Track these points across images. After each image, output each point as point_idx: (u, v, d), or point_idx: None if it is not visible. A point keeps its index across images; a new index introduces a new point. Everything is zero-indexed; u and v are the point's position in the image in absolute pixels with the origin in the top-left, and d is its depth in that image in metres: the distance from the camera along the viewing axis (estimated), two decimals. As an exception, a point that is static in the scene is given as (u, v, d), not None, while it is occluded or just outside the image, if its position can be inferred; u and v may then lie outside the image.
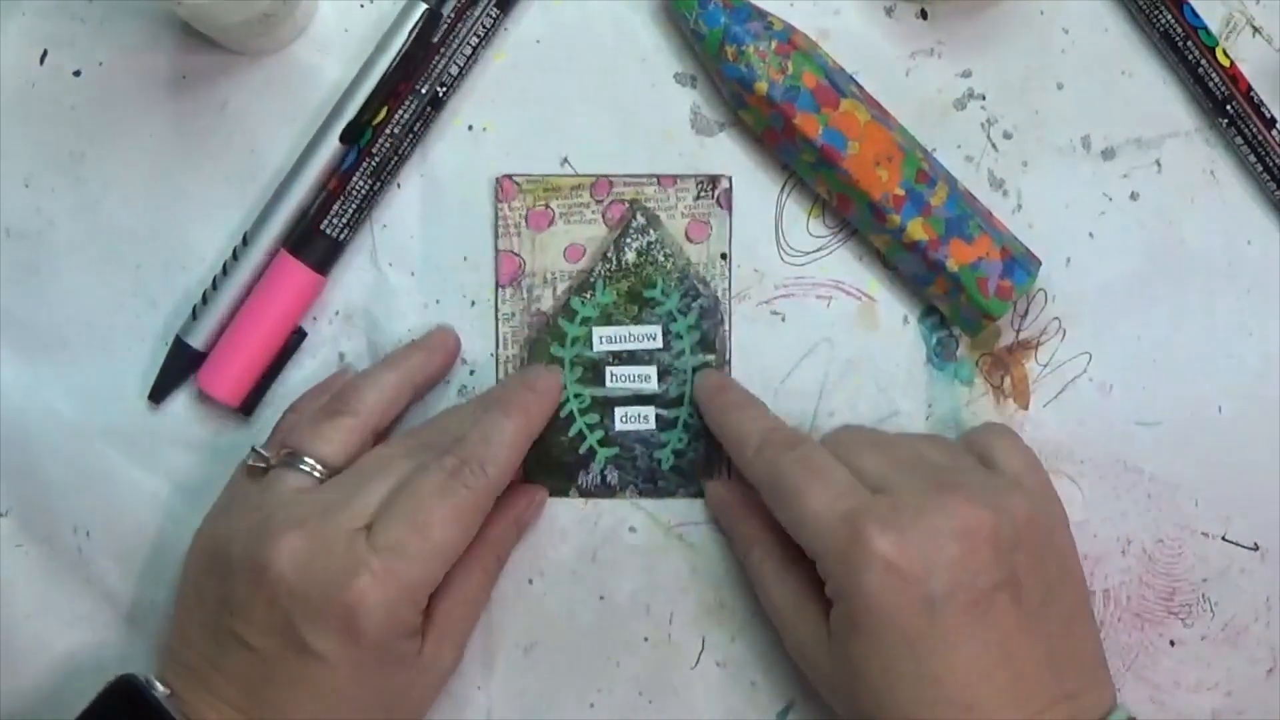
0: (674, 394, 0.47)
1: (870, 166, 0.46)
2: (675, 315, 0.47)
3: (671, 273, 0.47)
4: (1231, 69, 0.49)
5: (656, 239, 0.47)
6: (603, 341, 0.47)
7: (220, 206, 0.48)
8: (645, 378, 0.47)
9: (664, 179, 0.47)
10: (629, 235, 0.47)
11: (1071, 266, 0.50)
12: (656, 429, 0.47)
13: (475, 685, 0.49)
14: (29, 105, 0.48)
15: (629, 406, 0.47)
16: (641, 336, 0.47)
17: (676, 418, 0.47)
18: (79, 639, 0.48)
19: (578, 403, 0.47)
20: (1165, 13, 0.49)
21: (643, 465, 0.47)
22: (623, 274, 0.47)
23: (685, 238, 0.47)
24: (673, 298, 0.47)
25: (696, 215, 0.47)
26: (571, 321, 0.47)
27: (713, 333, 0.47)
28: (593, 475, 0.47)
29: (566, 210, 0.47)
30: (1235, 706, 0.50)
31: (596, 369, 0.47)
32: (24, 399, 0.48)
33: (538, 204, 0.47)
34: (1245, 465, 0.50)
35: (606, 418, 0.47)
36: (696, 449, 0.47)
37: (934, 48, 0.50)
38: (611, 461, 0.47)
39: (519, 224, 0.47)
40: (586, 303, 0.47)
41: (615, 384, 0.47)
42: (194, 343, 0.47)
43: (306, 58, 0.48)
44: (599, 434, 0.47)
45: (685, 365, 0.47)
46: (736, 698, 0.49)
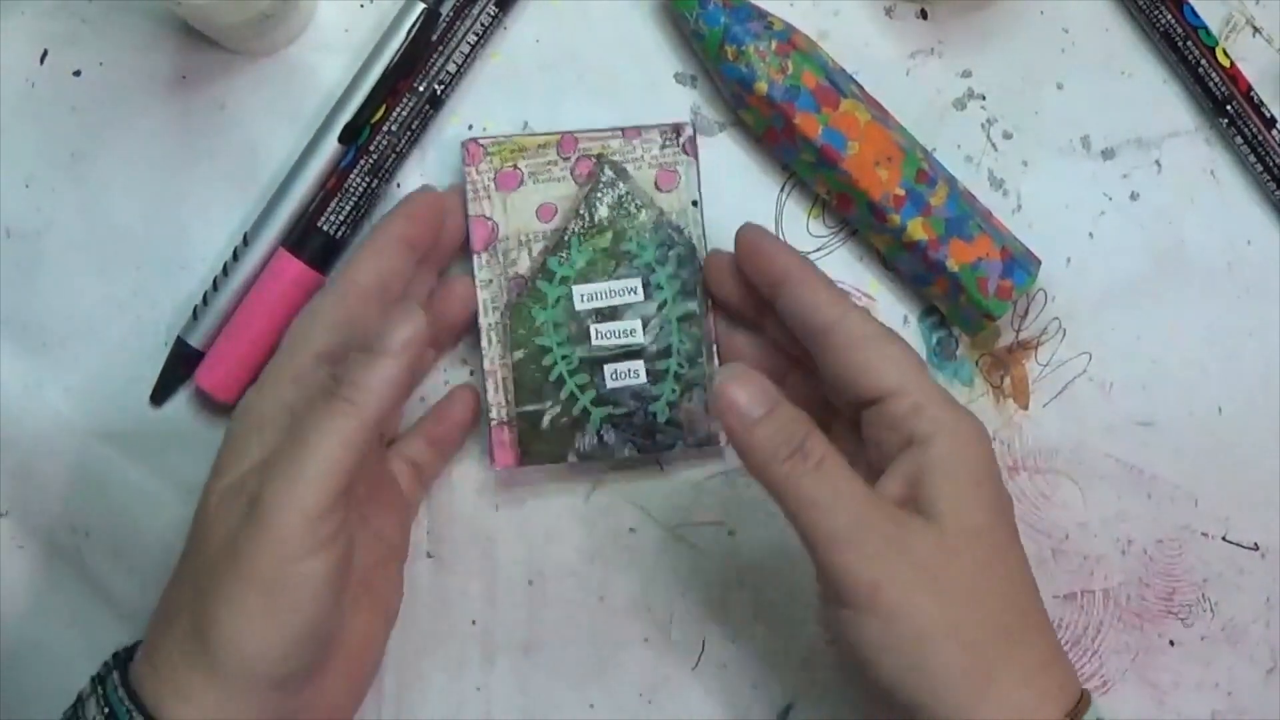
0: (661, 345, 0.46)
1: (870, 166, 0.46)
2: (654, 266, 0.46)
3: (645, 224, 0.46)
4: (1231, 69, 0.49)
5: (627, 191, 0.46)
6: (584, 300, 0.46)
7: (220, 206, 0.48)
8: (631, 332, 0.46)
9: (628, 131, 0.47)
10: (599, 190, 0.46)
11: (1071, 266, 0.50)
12: (648, 382, 0.46)
13: (475, 685, 0.49)
14: (29, 105, 0.48)
15: (618, 363, 0.46)
16: (622, 290, 0.46)
17: (666, 368, 0.46)
18: (79, 639, 0.48)
19: (566, 364, 0.46)
20: (1165, 13, 0.49)
21: (639, 421, 0.46)
22: (597, 230, 0.46)
23: (655, 187, 0.47)
24: (649, 249, 0.46)
25: (664, 164, 0.47)
26: (550, 282, 0.46)
27: (692, 280, 0.46)
28: (589, 437, 0.46)
29: (535, 170, 0.46)
30: (1235, 706, 0.50)
31: (581, 328, 0.46)
32: (24, 399, 0.48)
33: (505, 165, 0.46)
34: (1245, 465, 0.50)
35: (596, 376, 0.46)
36: (690, 399, 0.47)
37: (934, 48, 0.50)
38: (607, 421, 0.46)
39: (488, 187, 0.46)
40: (564, 262, 0.46)
41: (602, 341, 0.46)
42: (195, 343, 0.47)
43: (306, 58, 0.48)
44: (591, 394, 0.46)
45: (669, 315, 0.46)
46: (737, 698, 0.49)
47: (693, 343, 0.46)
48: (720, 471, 0.49)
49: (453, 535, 0.48)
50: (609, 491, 0.49)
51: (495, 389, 0.46)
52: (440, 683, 0.48)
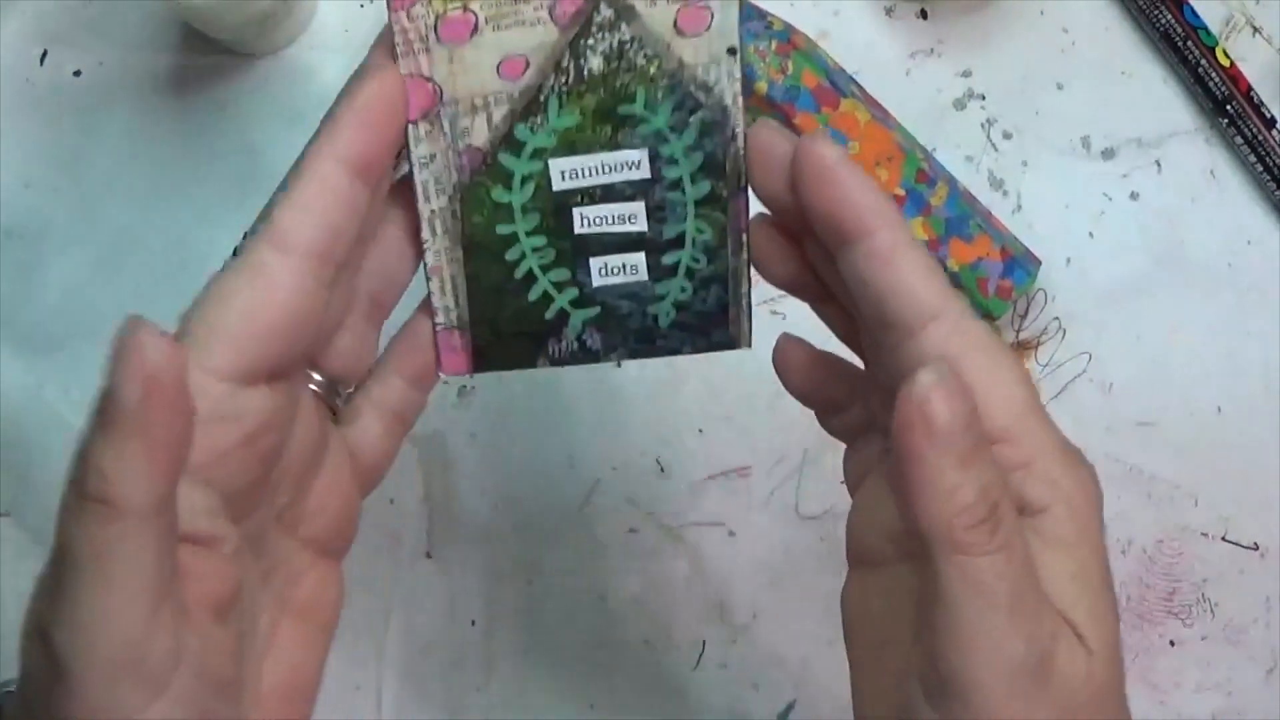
0: (671, 234, 0.35)
1: (870, 166, 0.46)
2: (666, 135, 0.34)
3: (657, 79, 0.34)
4: (1231, 69, 0.49)
5: (632, 37, 0.33)
6: (565, 178, 0.34)
7: (220, 206, 0.48)
8: (629, 217, 0.35)
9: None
10: (591, 35, 0.33)
11: (1071, 266, 0.50)
12: (649, 279, 0.35)
13: (475, 685, 0.49)
14: (29, 105, 0.48)
15: (609, 255, 0.35)
16: (619, 165, 0.34)
17: (677, 262, 0.35)
18: (79, 639, 0.48)
19: (538, 258, 0.35)
20: (1165, 13, 0.49)
21: (634, 325, 0.36)
22: (587, 86, 0.33)
23: (675, 30, 0.33)
24: (661, 112, 0.34)
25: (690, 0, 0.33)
26: (518, 155, 0.34)
27: (720, 153, 0.34)
28: (566, 343, 0.36)
29: (495, 13, 0.33)
30: (1235, 707, 0.50)
31: (560, 213, 0.34)
32: (24, 399, 0.48)
33: (451, 6, 0.33)
34: (1245, 465, 0.50)
35: (579, 272, 0.35)
36: (705, 299, 0.36)
37: (934, 48, 0.50)
38: (591, 324, 0.36)
39: (426, 39, 0.33)
40: (538, 129, 0.34)
41: (587, 228, 0.35)
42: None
43: (306, 58, 0.48)
44: (571, 293, 0.35)
45: (684, 198, 0.35)
46: (737, 698, 0.49)
47: (714, 230, 0.35)
48: (720, 472, 0.49)
49: (453, 535, 0.48)
50: (608, 492, 0.49)
51: (442, 289, 0.35)
52: (440, 683, 0.48)
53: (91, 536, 0.27)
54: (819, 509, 0.49)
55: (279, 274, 0.29)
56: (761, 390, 0.49)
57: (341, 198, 0.30)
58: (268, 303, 0.29)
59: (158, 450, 0.26)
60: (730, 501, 0.49)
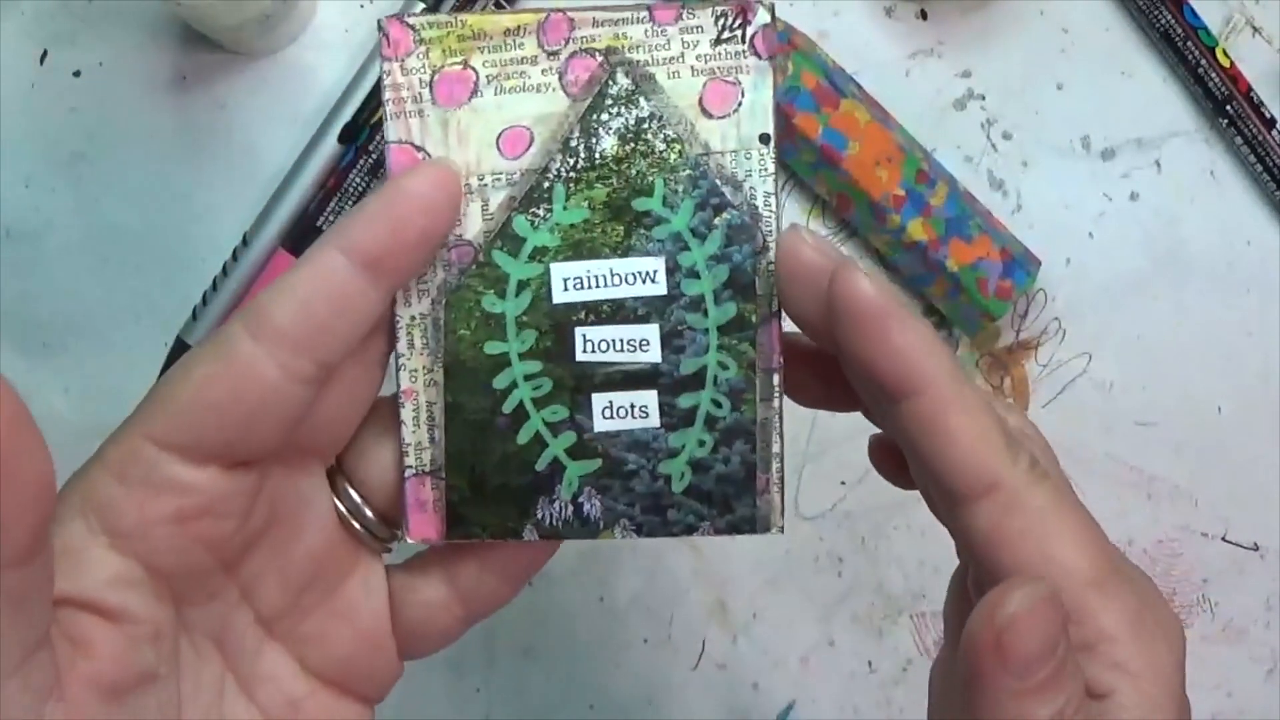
0: (689, 369, 0.29)
1: (870, 167, 0.46)
2: (686, 240, 0.29)
3: (679, 169, 0.29)
4: (1231, 69, 0.49)
5: (651, 113, 0.29)
6: (568, 287, 0.29)
7: (220, 206, 0.48)
8: (641, 344, 0.29)
9: (659, 10, 0.29)
10: (605, 109, 0.29)
11: (1071, 266, 0.50)
12: (662, 427, 0.29)
13: (475, 686, 0.49)
14: (29, 105, 0.48)
15: (615, 391, 0.29)
16: (632, 275, 0.29)
17: (695, 406, 0.29)
18: (79, 639, 0.48)
19: (531, 388, 0.29)
20: (1165, 13, 0.49)
21: (641, 487, 0.30)
22: (598, 174, 0.29)
23: (700, 110, 0.29)
24: (682, 211, 0.29)
25: (718, 71, 0.29)
26: (515, 255, 0.29)
27: (749, 266, 0.29)
28: (560, 504, 0.30)
29: (498, 71, 0.29)
30: (1235, 707, 0.50)
31: (560, 332, 0.29)
32: (24, 399, 0.48)
33: (450, 61, 0.29)
34: (1245, 465, 0.50)
35: (579, 412, 0.29)
36: (728, 458, 0.30)
37: (934, 48, 0.50)
38: (589, 482, 0.30)
39: (420, 96, 0.29)
40: (539, 224, 0.29)
41: (591, 355, 0.29)
42: (194, 343, 0.47)
43: (306, 58, 0.48)
44: (568, 438, 0.29)
45: (705, 323, 0.29)
46: (737, 699, 0.49)
47: (740, 369, 0.30)
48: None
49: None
50: (609, 492, 0.49)
51: (415, 420, 0.30)
52: (440, 683, 0.48)
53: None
54: (819, 509, 0.49)
55: (242, 354, 0.26)
56: (761, 390, 0.49)
57: (335, 288, 0.27)
58: (223, 382, 0.26)
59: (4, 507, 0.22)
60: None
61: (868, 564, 0.49)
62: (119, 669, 0.25)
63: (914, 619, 0.50)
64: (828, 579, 0.50)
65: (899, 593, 0.50)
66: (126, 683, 0.26)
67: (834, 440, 0.49)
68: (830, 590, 0.50)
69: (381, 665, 0.31)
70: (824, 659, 0.49)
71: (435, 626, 0.31)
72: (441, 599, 0.31)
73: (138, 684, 0.26)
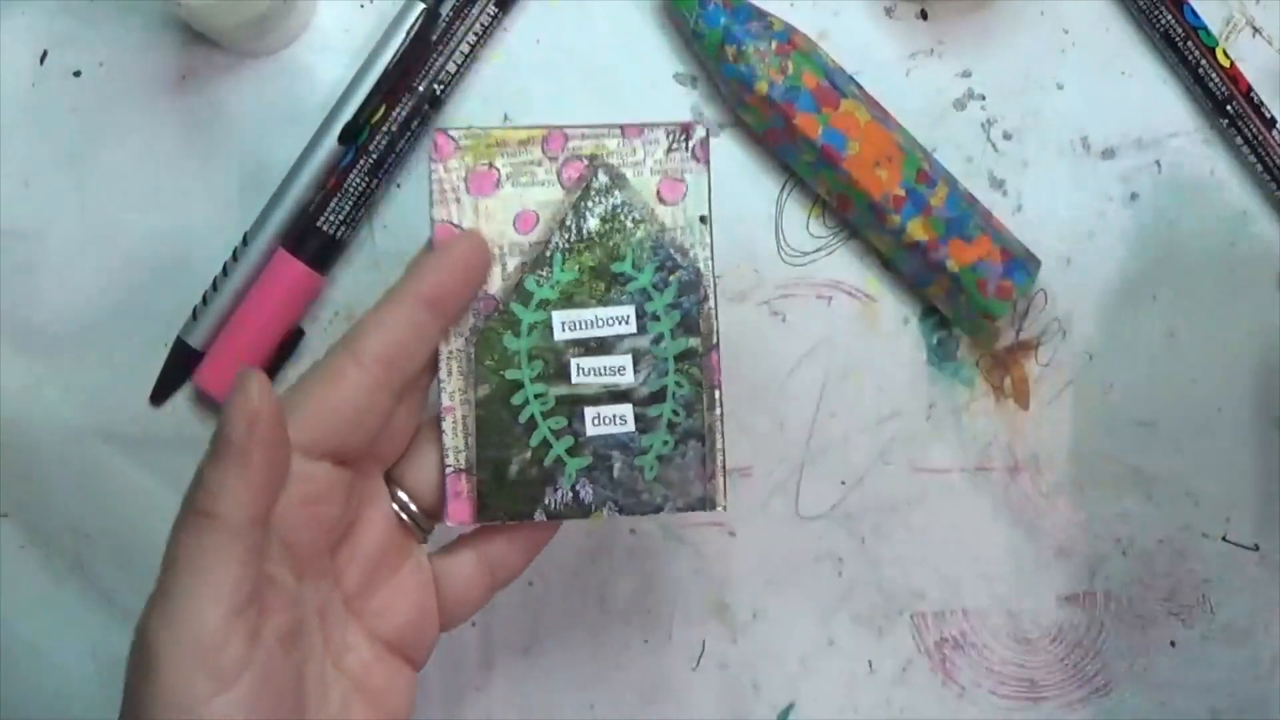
0: (654, 388, 0.39)
1: (870, 167, 0.46)
2: (650, 293, 0.39)
3: (643, 241, 0.39)
4: (1231, 69, 0.49)
5: (623, 201, 0.39)
6: (565, 329, 0.39)
7: (220, 206, 0.48)
8: (619, 369, 0.39)
9: (628, 129, 0.39)
10: (590, 198, 0.39)
11: (1071, 266, 0.50)
12: (636, 431, 0.39)
13: (475, 686, 0.49)
14: (29, 105, 0.48)
15: (601, 406, 0.39)
16: (611, 320, 0.39)
17: (659, 415, 0.39)
18: (79, 639, 0.48)
19: (540, 404, 0.39)
20: (1165, 13, 0.49)
21: (622, 477, 0.39)
22: (585, 245, 0.39)
23: (656, 198, 0.39)
24: (646, 271, 0.39)
25: (669, 171, 0.39)
26: (526, 305, 0.39)
27: (695, 311, 0.39)
28: (562, 492, 0.39)
29: (514, 170, 0.39)
30: (1235, 706, 0.50)
31: (560, 362, 0.39)
32: (24, 399, 0.48)
33: (480, 163, 0.39)
34: (1245, 465, 0.50)
35: (575, 421, 0.39)
36: (684, 453, 0.40)
37: (934, 48, 0.50)
38: (584, 474, 0.39)
39: (457, 187, 0.39)
40: (543, 282, 0.39)
41: (583, 378, 0.39)
42: (194, 343, 0.47)
43: (306, 58, 0.48)
44: (567, 441, 0.39)
45: (665, 353, 0.39)
46: (737, 698, 0.49)
47: (691, 386, 0.40)
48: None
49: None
50: (609, 492, 0.49)
51: (454, 430, 0.39)
52: (440, 683, 0.48)
53: (191, 544, 0.32)
54: (819, 509, 0.49)
55: (349, 375, 0.35)
56: (761, 390, 0.49)
57: (411, 322, 0.36)
58: (335, 395, 0.35)
59: (253, 476, 0.32)
60: (730, 501, 0.49)
61: (868, 564, 0.49)
62: (284, 621, 0.33)
63: (914, 619, 0.50)
64: (828, 579, 0.50)
65: (899, 593, 0.50)
66: (290, 633, 0.33)
67: (834, 440, 0.49)
68: (830, 590, 0.50)
69: (429, 632, 0.39)
70: (824, 659, 0.49)
71: (469, 595, 0.39)
72: (473, 572, 0.39)
73: (294, 635, 0.34)
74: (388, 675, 0.38)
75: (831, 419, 0.49)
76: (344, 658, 0.37)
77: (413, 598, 0.38)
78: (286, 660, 0.33)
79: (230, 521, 0.32)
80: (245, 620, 0.32)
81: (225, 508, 0.31)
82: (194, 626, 0.31)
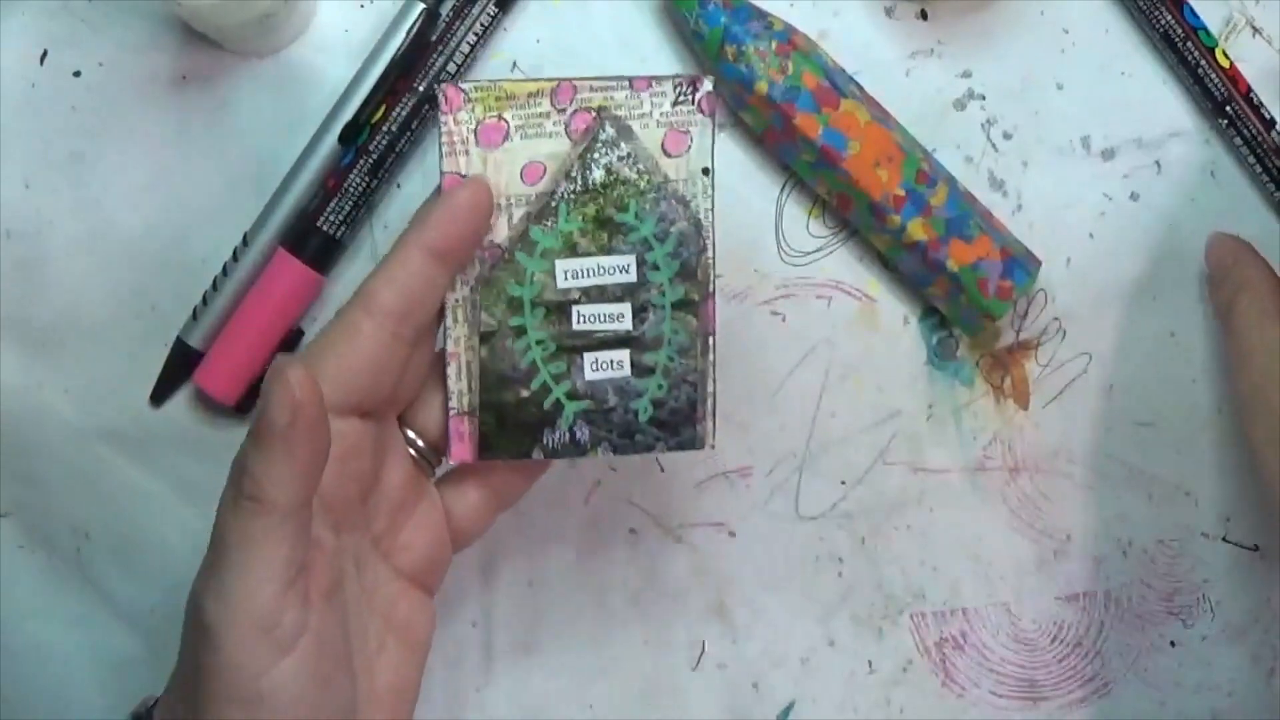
0: (652, 335, 0.41)
1: (870, 167, 0.46)
2: (651, 243, 0.40)
3: (646, 193, 0.40)
4: (1231, 70, 0.49)
5: (628, 153, 0.40)
6: (567, 277, 0.40)
7: (220, 206, 0.48)
8: (618, 316, 0.40)
9: (636, 81, 0.40)
10: (596, 149, 0.40)
11: (1071, 266, 0.50)
12: (632, 375, 0.41)
13: (475, 686, 0.49)
14: (29, 105, 0.48)
15: (600, 351, 0.40)
16: (612, 268, 0.40)
17: (655, 362, 0.41)
18: (78, 639, 0.48)
19: (541, 350, 0.40)
20: (1165, 13, 0.49)
21: (618, 419, 0.41)
22: (589, 196, 0.40)
23: (661, 151, 0.40)
24: (647, 222, 0.40)
25: (675, 124, 0.40)
26: (531, 255, 0.40)
27: (694, 261, 0.40)
28: (560, 433, 0.41)
29: (523, 122, 0.40)
30: (1236, 707, 0.50)
31: (561, 310, 0.40)
32: (24, 399, 0.48)
33: (489, 115, 0.39)
34: (1245, 465, 0.50)
35: (574, 366, 0.40)
36: (678, 397, 0.41)
37: (934, 48, 0.50)
38: (581, 416, 0.41)
39: (466, 139, 0.39)
40: (548, 231, 0.40)
41: (583, 325, 0.40)
42: (194, 343, 0.47)
43: (306, 58, 0.48)
44: (566, 385, 0.40)
45: (663, 301, 0.40)
46: (737, 699, 0.49)
47: (687, 334, 0.41)
48: (721, 472, 0.49)
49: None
50: (609, 492, 0.49)
51: (457, 374, 0.40)
52: (440, 683, 0.48)
53: (242, 527, 0.33)
54: (819, 509, 0.49)
55: (364, 330, 0.37)
56: (761, 390, 0.49)
57: (420, 273, 0.38)
58: (354, 351, 0.37)
59: (299, 462, 0.33)
60: (730, 501, 0.49)
61: (868, 564, 0.49)
62: (326, 579, 0.36)
63: (914, 619, 0.50)
64: (828, 579, 0.50)
65: (899, 593, 0.50)
66: (331, 589, 0.36)
67: (834, 440, 0.49)
68: (830, 590, 0.50)
69: (444, 560, 0.41)
70: (824, 659, 0.49)
71: (476, 520, 0.42)
72: (479, 499, 0.41)
73: (337, 588, 0.36)
74: (410, 607, 0.40)
75: (831, 419, 0.49)
76: (374, 597, 0.39)
77: (430, 530, 0.41)
78: (333, 614, 0.36)
79: (279, 506, 0.33)
80: (296, 589, 0.34)
81: (274, 494, 0.33)
82: (250, 603, 0.33)
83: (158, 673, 0.43)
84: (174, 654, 0.47)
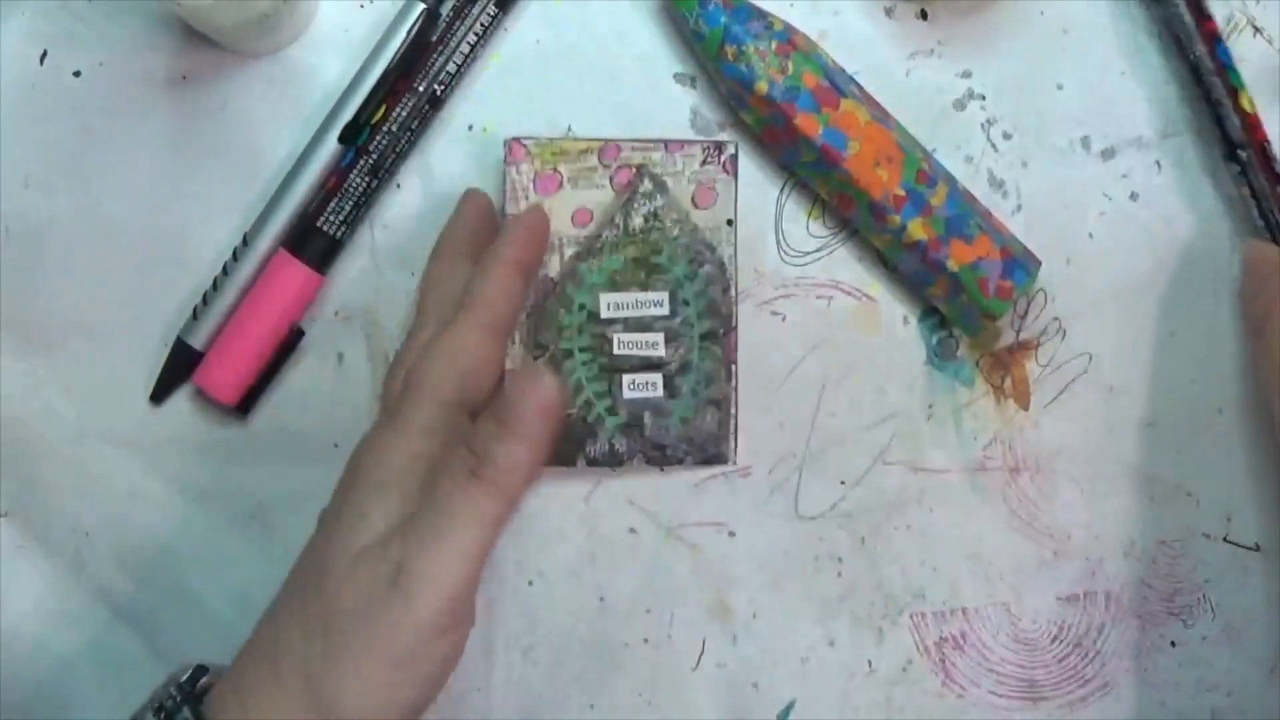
0: (682, 361, 0.47)
1: (870, 166, 0.46)
2: (682, 282, 0.47)
3: (678, 239, 0.47)
4: (1253, 118, 0.47)
5: (663, 204, 0.47)
6: (610, 308, 0.46)
7: (220, 206, 0.48)
8: (653, 344, 0.47)
9: (671, 144, 0.47)
10: (636, 200, 0.46)
11: (1071, 266, 0.50)
12: (665, 396, 0.47)
13: (475, 686, 0.49)
14: (29, 105, 0.48)
15: (636, 374, 0.47)
16: (649, 303, 0.47)
17: (684, 385, 0.47)
18: (79, 639, 0.48)
19: (585, 370, 0.46)
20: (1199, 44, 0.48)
21: (651, 434, 0.47)
22: (630, 240, 0.46)
23: (692, 203, 0.47)
24: (680, 264, 0.47)
25: (703, 181, 0.47)
26: (579, 287, 0.46)
27: (719, 298, 0.47)
28: (600, 444, 0.47)
29: (575, 175, 0.46)
30: (1236, 706, 0.50)
31: (604, 336, 0.47)
32: (24, 399, 0.48)
33: (546, 168, 0.46)
34: (1245, 465, 0.50)
35: (614, 385, 0.47)
36: (704, 417, 0.47)
37: (934, 48, 0.50)
38: (619, 430, 0.47)
39: (527, 188, 0.46)
40: (594, 269, 0.46)
41: (622, 350, 0.47)
42: (195, 343, 0.47)
43: (306, 58, 0.48)
44: (606, 402, 0.47)
45: (692, 332, 0.47)
46: (737, 699, 0.49)
47: (713, 362, 0.47)
48: (720, 472, 0.49)
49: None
50: (609, 492, 0.49)
51: None
52: (440, 683, 0.48)
53: (473, 506, 0.38)
54: (819, 509, 0.49)
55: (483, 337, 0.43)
56: (761, 390, 0.49)
57: (514, 287, 0.44)
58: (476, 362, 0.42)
59: (540, 460, 0.40)
60: (730, 501, 0.49)
61: (868, 564, 0.49)
62: None
63: (914, 619, 0.50)
64: (828, 579, 0.50)
65: (899, 593, 0.50)
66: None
67: (834, 440, 0.49)
68: (830, 590, 0.50)
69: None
70: (824, 659, 0.49)
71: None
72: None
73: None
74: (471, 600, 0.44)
75: (831, 419, 0.49)
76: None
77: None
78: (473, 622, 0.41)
79: (512, 495, 0.39)
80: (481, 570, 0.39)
81: (513, 483, 0.39)
82: (456, 577, 0.37)
83: (158, 672, 0.43)
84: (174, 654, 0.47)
